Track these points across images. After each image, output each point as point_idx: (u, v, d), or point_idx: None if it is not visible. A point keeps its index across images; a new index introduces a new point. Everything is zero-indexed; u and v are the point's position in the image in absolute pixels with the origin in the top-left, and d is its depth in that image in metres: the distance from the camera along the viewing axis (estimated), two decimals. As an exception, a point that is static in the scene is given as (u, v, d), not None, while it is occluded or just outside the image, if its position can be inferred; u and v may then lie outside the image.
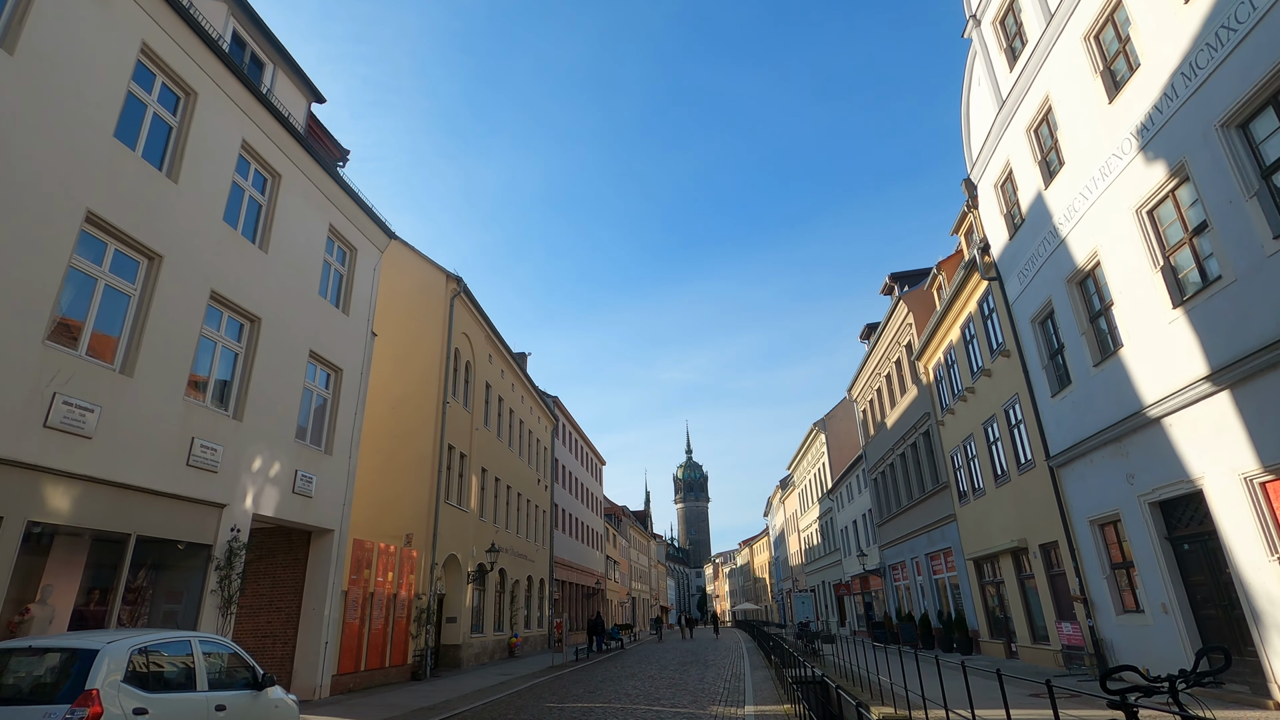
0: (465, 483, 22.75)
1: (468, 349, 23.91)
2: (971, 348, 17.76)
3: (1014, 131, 13.50)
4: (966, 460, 18.92)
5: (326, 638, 13.98)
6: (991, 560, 17.80)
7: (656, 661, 22.29)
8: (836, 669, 16.17)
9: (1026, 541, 15.12)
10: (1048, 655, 14.36)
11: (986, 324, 16.49)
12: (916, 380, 22.93)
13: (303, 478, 13.52)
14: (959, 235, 18.67)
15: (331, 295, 15.55)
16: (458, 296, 22.43)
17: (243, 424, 11.94)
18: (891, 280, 25.84)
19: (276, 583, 14.56)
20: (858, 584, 36.35)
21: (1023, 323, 14.02)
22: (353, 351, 15.89)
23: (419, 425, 20.52)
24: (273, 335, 12.91)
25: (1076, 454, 12.21)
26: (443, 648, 20.90)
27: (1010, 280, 14.43)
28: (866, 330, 30.66)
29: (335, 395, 15.21)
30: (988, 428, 17.05)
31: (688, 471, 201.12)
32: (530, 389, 33.19)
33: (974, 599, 19.14)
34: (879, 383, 28.01)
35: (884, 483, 28.73)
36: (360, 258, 16.67)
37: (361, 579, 15.62)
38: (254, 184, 13.05)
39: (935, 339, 20.44)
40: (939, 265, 20.47)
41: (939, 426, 21.11)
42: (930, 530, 22.72)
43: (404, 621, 17.31)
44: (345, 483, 15.15)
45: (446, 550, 20.46)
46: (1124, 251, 10.20)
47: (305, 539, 14.65)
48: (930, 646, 22.52)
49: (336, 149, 17.90)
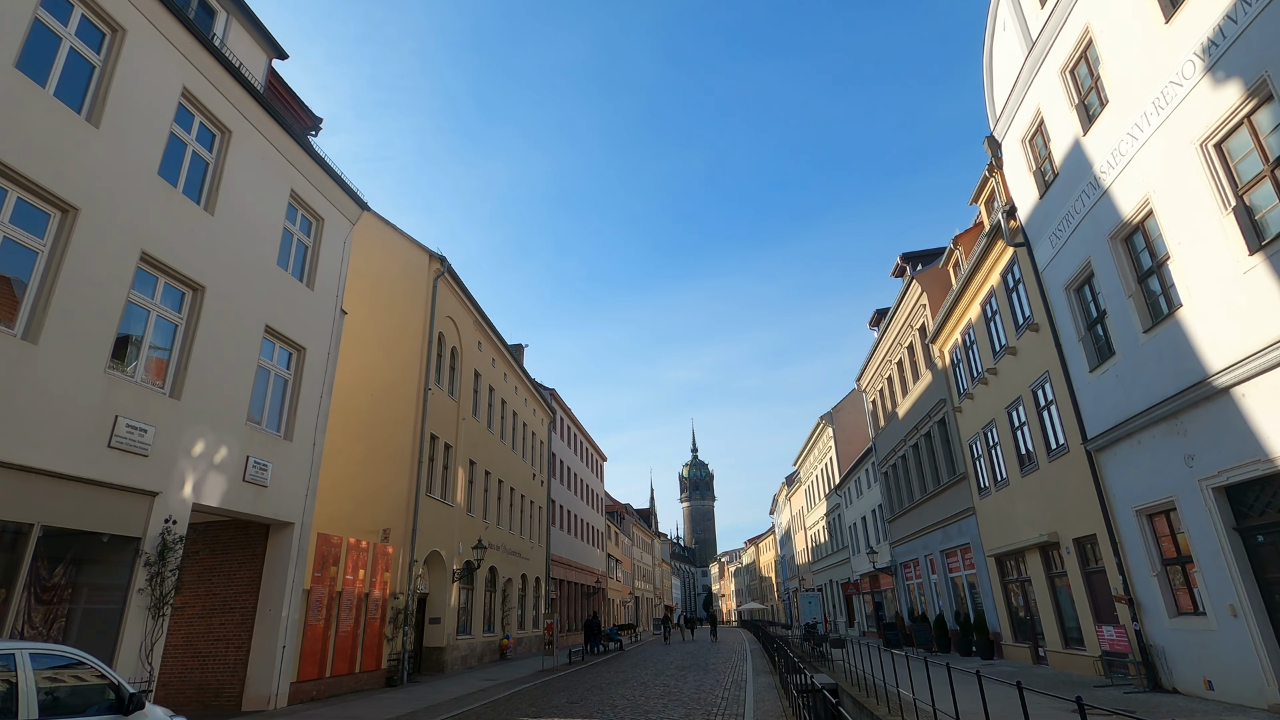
0: (450, 475, 21.45)
1: (453, 334, 22.61)
2: (993, 325, 16.30)
3: (1046, 75, 12.05)
4: (987, 449, 17.47)
5: (284, 641, 12.69)
6: (1016, 557, 16.35)
7: (653, 665, 20.93)
8: (848, 676, 14.77)
9: (1058, 535, 13.67)
10: (1083, 662, 12.92)
11: (1011, 297, 15.04)
12: (931, 365, 21.48)
13: (256, 465, 12.23)
14: (979, 205, 17.22)
15: (294, 267, 14.25)
16: (441, 277, 21.12)
17: (181, 403, 10.65)
18: (903, 261, 24.39)
19: (232, 581, 13.29)
20: (867, 583, 34.88)
21: (1055, 291, 12.58)
22: (318, 329, 14.59)
23: (399, 413, 19.23)
24: (220, 306, 11.62)
25: (1120, 435, 10.77)
26: (425, 651, 19.61)
27: (1040, 245, 12.98)
28: (876, 316, 29.19)
29: (297, 376, 13.91)
30: (1012, 411, 15.60)
31: (693, 470, 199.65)
32: (525, 380, 31.88)
33: (995, 599, 17.69)
34: (890, 370, 26.55)
35: (895, 476, 27.27)
36: (328, 228, 15.37)
37: (327, 577, 14.33)
38: (199, 139, 11.76)
39: (952, 319, 18.98)
40: (956, 240, 19.02)
41: (955, 414, 19.66)
42: (946, 525, 21.27)
43: (377, 623, 16.01)
44: (308, 472, 13.85)
45: (428, 546, 19.17)
46: (1184, 195, 8.77)
47: (264, 533, 13.37)
48: (946, 649, 21.08)
49: (306, 115, 16.63)
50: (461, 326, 23.25)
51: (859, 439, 39.22)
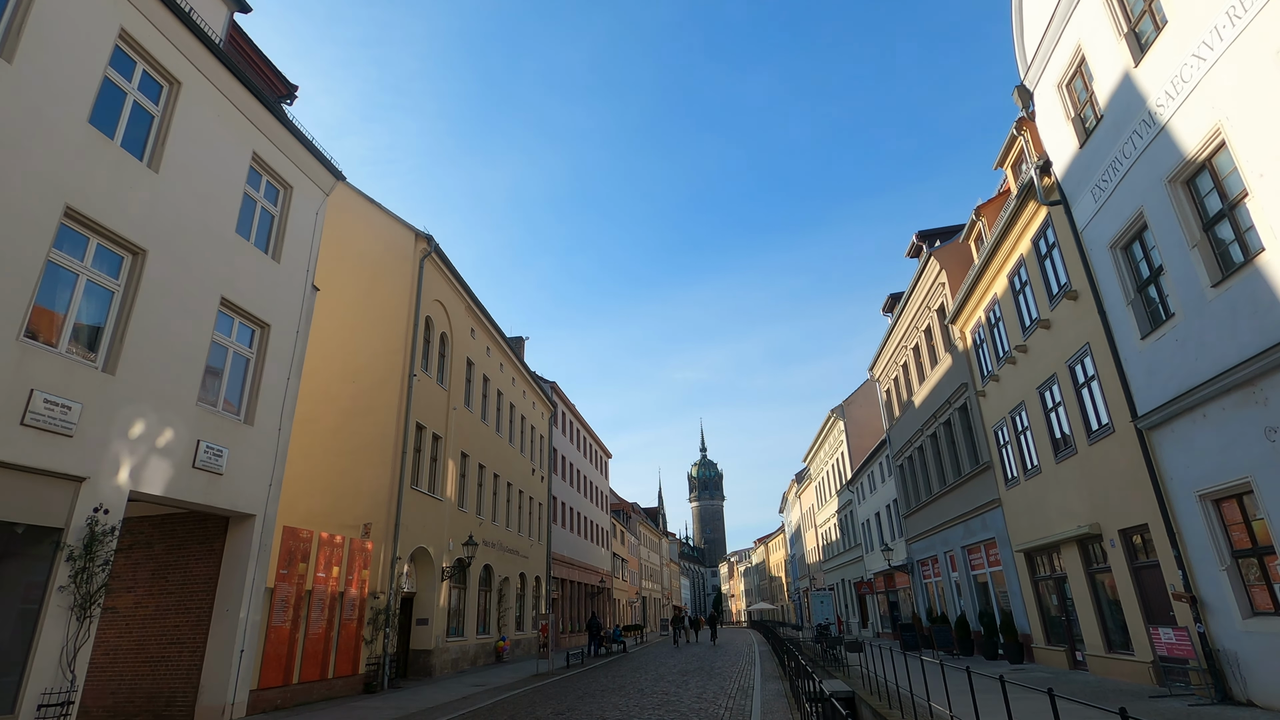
0: (439, 468, 20.26)
1: (443, 319, 21.43)
2: (1023, 298, 14.91)
3: (1088, 5, 10.68)
4: (1015, 434, 16.07)
5: (242, 645, 11.51)
6: (1049, 552, 14.95)
7: (654, 670, 19.65)
8: (866, 682, 13.44)
9: (1100, 527, 12.29)
10: (1131, 668, 11.53)
11: (1044, 264, 13.66)
12: (951, 348, 20.08)
13: (209, 450, 11.05)
14: (1004, 169, 15.82)
15: (258, 237, 13.09)
16: (428, 258, 19.94)
17: (116, 379, 9.48)
18: (919, 239, 22.98)
19: (188, 579, 12.13)
20: (881, 581, 33.44)
21: (1098, 251, 11.20)
22: (285, 304, 13.42)
23: (382, 401, 18.06)
24: (165, 273, 10.46)
25: (1180, 409, 9.40)
26: (412, 654, 18.42)
27: (1080, 201, 11.60)
28: (889, 301, 27.78)
29: (260, 355, 12.74)
30: (1045, 392, 14.20)
31: (702, 469, 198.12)
32: (523, 371, 30.69)
33: (1024, 598, 16.28)
34: (905, 357, 25.13)
35: (911, 469, 25.85)
36: (297, 198, 14.20)
37: (295, 574, 13.16)
38: (141, 87, 10.59)
39: (974, 296, 17.59)
40: (978, 210, 17.62)
41: (979, 398, 18.26)
42: (968, 519, 19.86)
43: (354, 625, 14.82)
44: (272, 459, 12.67)
45: (414, 543, 17.98)
46: (1266, 117, 7.41)
47: (224, 526, 12.21)
48: (969, 652, 19.68)
49: (278, 79, 15.47)
50: (452, 311, 22.07)
51: (871, 432, 37.77)
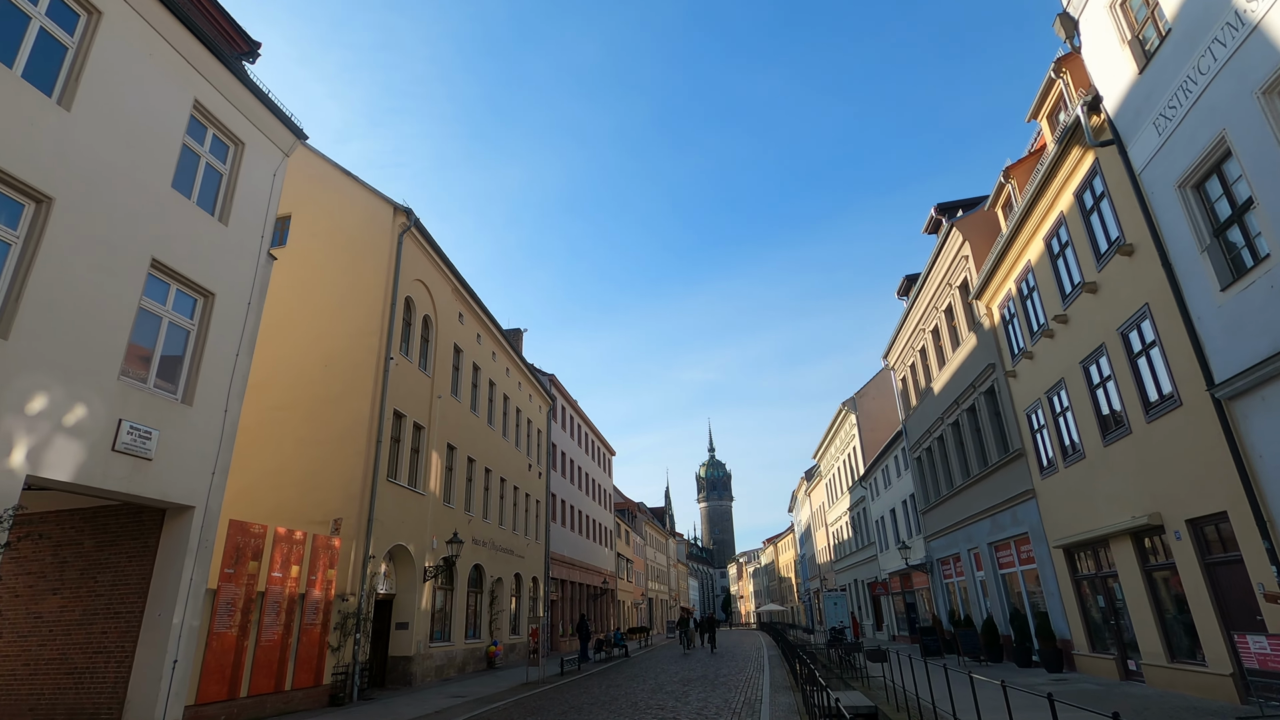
0: (422, 460, 18.81)
1: (426, 301, 19.99)
2: (1063, 262, 13.29)
3: (1151, -99, 9.09)
4: (1052, 417, 14.44)
5: (176, 654, 10.05)
6: (1095, 547, 13.30)
7: (654, 678, 18.09)
8: (889, 695, 11.85)
9: (1161, 517, 10.65)
10: (1203, 680, 9.89)
11: (1088, 221, 12.03)
12: (975, 326, 18.44)
13: (134, 431, 9.61)
14: (1039, 121, 14.20)
15: (201, 196, 11.65)
16: (408, 233, 18.50)
17: (9, 344, 8.06)
18: (938, 213, 21.33)
19: (120, 579, 10.70)
20: (897, 582, 31.75)
21: (1161, 193, 9.59)
22: (233, 272, 11.98)
23: (356, 385, 16.62)
24: (77, 226, 9.03)
25: (1273, 372, 7.78)
26: (391, 661, 16.97)
27: (1139, 137, 9.99)
28: (905, 284, 26.11)
29: (203, 327, 11.29)
30: (1090, 366, 12.57)
31: (710, 470, 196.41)
32: (519, 362, 29.23)
33: (1064, 599, 14.64)
34: (923, 340, 23.48)
35: (930, 461, 24.19)
36: (251, 157, 12.77)
37: (243, 574, 11.71)
38: (51, 14, 9.18)
39: (1003, 266, 15.96)
40: (1007, 171, 15.98)
41: (1008, 380, 16.61)
42: (996, 513, 18.20)
43: (317, 630, 13.36)
44: (216, 444, 11.21)
45: (391, 540, 16.52)
46: None
47: (160, 520, 10.79)
48: (998, 658, 18.02)
49: (236, 34, 14.04)
50: (436, 293, 20.63)
51: (886, 425, 36.09)
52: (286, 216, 19.19)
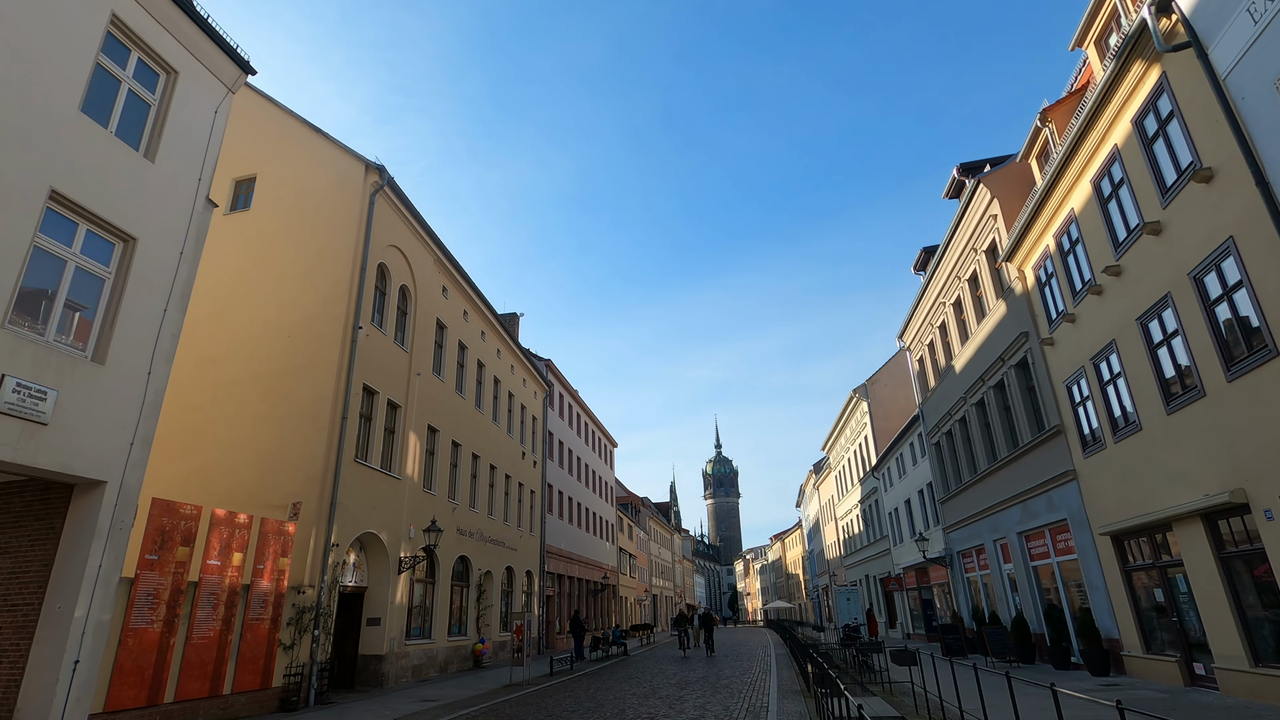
0: (397, 441, 17.28)
1: (403, 269, 18.44)
2: (1115, 206, 11.57)
3: None
4: (1099, 386, 12.73)
5: (78, 654, 8.55)
6: (1152, 533, 11.60)
7: (649, 679, 16.51)
8: (915, 702, 10.20)
9: (1245, 494, 8.97)
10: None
11: (1150, 150, 10.31)
12: (1005, 292, 16.72)
13: (23, 389, 8.09)
14: (1086, 47, 12.47)
15: (122, 127, 10.09)
16: (380, 193, 16.95)
17: None
18: (960, 174, 19.60)
19: (19, 566, 9.20)
20: (912, 577, 30.06)
21: (1257, 96, 7.90)
22: (161, 216, 10.44)
23: (321, 356, 15.09)
24: (-56, 141, 7.53)
25: None
26: (361, 660, 15.46)
27: (1225, 33, 8.30)
28: (922, 257, 24.37)
29: (121, 276, 9.75)
30: (1150, 322, 10.86)
31: (717, 466, 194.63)
32: (511, 344, 27.67)
33: (1111, 593, 12.95)
34: (943, 315, 21.75)
35: (950, 446, 22.48)
36: (186, 88, 11.21)
37: (169, 560, 10.18)
38: (-87, -113, 7.65)
39: (1039, 221, 14.25)
40: (1044, 114, 14.24)
41: (1044, 349, 14.90)
42: (1028, 499, 16.50)
43: (265, 626, 11.83)
44: (136, 410, 9.68)
45: (359, 527, 15.00)
46: None
47: (69, 496, 9.29)
48: (1029, 659, 16.33)
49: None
50: (415, 262, 19.08)
51: (899, 413, 34.37)
52: (251, 178, 17.69)
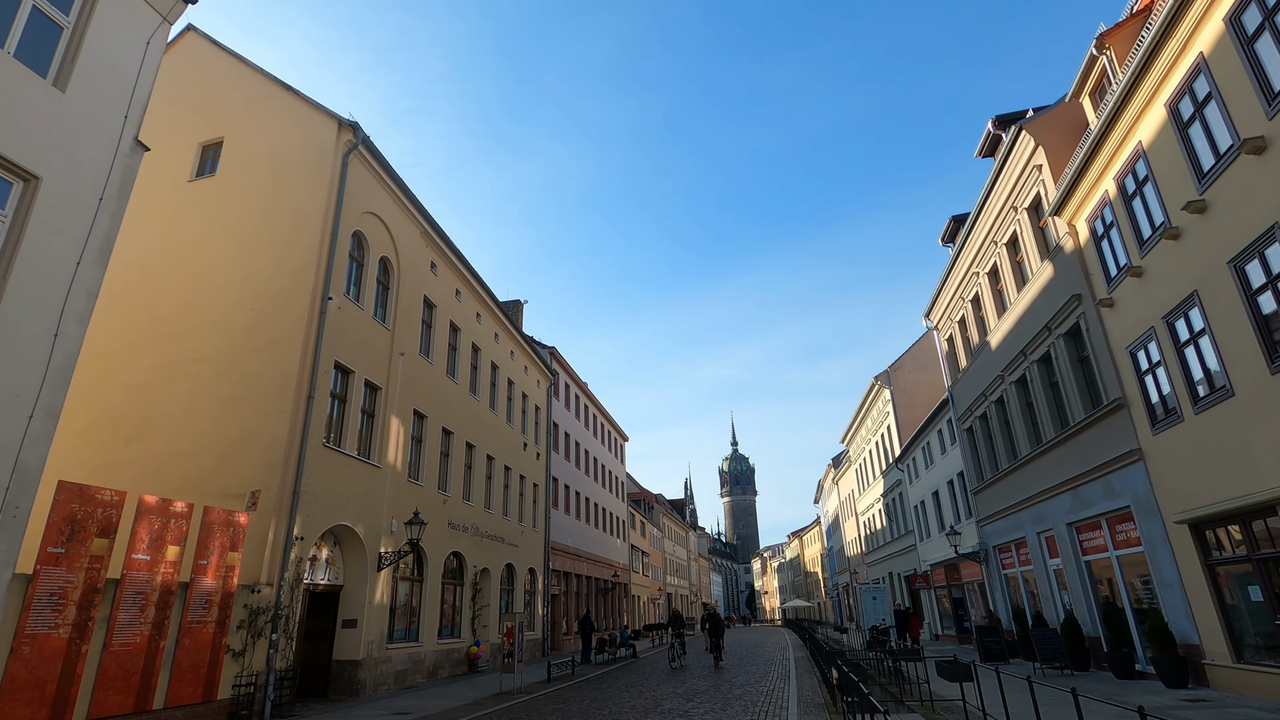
0: (378, 425, 15.80)
1: (384, 240, 16.95)
2: (1198, 129, 9.71)
3: None
4: (1174, 349, 10.88)
5: (-49, 666, 7.10)
6: (1244, 519, 9.74)
7: (653, 688, 14.86)
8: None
9: (1388, 466, 7.11)
10: None
11: (1248, 51, 8.46)
12: (1052, 252, 14.83)
13: (-125, 346, 6.65)
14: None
15: (23, 49, 8.62)
16: (354, 152, 15.46)
17: None
18: (996, 126, 17.70)
19: (-102, 560, 7.78)
20: (941, 574, 28.10)
21: None
22: (73, 155, 8.98)
23: (284, 330, 13.62)
24: None
25: None
26: (336, 666, 14.00)
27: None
28: (951, 227, 22.46)
29: (20, 221, 8.32)
30: (1246, 264, 9.01)
31: (734, 464, 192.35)
32: (512, 329, 26.16)
33: (1189, 592, 11.09)
34: (976, 286, 19.84)
35: (985, 431, 20.58)
36: (107, 13, 9.73)
37: (82, 554, 8.70)
38: None
39: (1095, 164, 12.39)
40: (1100, 41, 12.35)
41: (1100, 312, 13.04)
42: (1081, 485, 14.62)
43: (209, 630, 10.35)
44: (37, 377, 8.24)
45: (330, 519, 13.53)
46: None
47: (-42, 479, 7.83)
48: (1083, 666, 14.47)
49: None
50: (399, 233, 17.59)
51: (924, 401, 32.40)
52: (218, 142, 16.30)
